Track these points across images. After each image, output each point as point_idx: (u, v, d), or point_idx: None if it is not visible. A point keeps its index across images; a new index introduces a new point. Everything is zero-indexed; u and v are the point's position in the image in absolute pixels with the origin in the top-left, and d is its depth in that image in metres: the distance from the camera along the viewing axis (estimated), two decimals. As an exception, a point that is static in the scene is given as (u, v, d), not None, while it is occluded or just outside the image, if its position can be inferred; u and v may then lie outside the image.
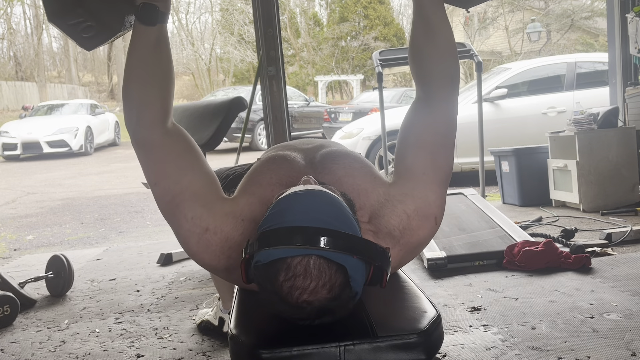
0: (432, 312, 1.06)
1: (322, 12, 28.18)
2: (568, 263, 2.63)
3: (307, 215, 0.95)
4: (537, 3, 21.03)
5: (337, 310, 0.96)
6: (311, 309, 0.93)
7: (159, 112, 1.17)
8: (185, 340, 2.13)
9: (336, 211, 0.98)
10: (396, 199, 1.18)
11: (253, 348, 0.97)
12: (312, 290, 0.92)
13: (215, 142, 2.68)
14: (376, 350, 0.96)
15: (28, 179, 9.14)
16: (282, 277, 0.92)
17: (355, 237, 0.96)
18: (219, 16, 25.73)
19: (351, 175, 1.20)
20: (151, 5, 1.16)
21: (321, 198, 1.00)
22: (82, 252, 3.90)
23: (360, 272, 0.96)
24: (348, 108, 11.10)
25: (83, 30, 1.20)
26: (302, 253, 0.92)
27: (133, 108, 1.17)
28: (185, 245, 1.17)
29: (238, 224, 1.13)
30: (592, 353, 1.75)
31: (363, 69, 23.45)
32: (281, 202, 1.00)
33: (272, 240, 0.93)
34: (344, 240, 0.93)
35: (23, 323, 2.46)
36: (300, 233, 0.93)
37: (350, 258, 0.93)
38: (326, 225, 0.94)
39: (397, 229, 1.15)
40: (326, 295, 0.92)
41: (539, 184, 4.39)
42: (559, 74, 6.18)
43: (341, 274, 0.93)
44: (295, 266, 0.92)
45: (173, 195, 1.14)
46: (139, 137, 1.17)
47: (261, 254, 0.94)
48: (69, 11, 1.17)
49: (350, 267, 0.94)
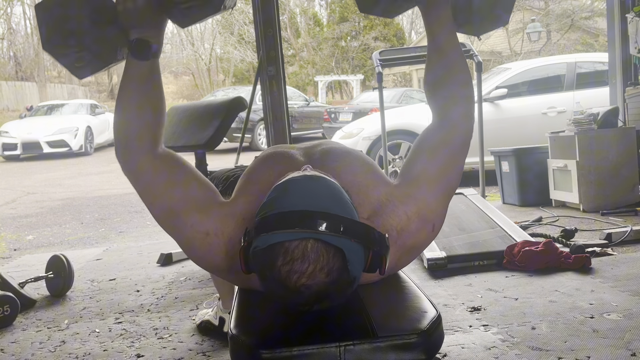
0: (432, 312, 1.06)
1: (322, 12, 28.19)
2: (568, 263, 2.63)
3: (304, 199, 0.96)
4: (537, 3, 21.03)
5: (336, 295, 0.96)
6: (310, 293, 0.93)
7: (147, 142, 1.19)
8: (185, 340, 2.13)
9: (334, 196, 0.99)
10: (398, 199, 1.18)
11: (253, 348, 0.97)
12: (310, 273, 0.92)
13: (215, 142, 2.68)
14: (376, 351, 0.96)
15: (28, 179, 9.14)
16: (280, 261, 0.92)
17: (353, 220, 0.96)
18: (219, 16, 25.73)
19: (352, 172, 1.20)
20: (144, 41, 1.18)
21: (319, 183, 1.00)
22: (82, 252, 3.90)
23: (358, 256, 0.96)
24: (348, 108, 11.11)
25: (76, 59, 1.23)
26: (300, 237, 0.92)
27: (121, 139, 1.19)
28: (190, 252, 1.17)
29: (239, 223, 1.14)
30: (592, 353, 1.75)
31: (363, 69, 23.45)
32: (279, 188, 1.01)
33: (269, 226, 0.94)
34: (341, 224, 0.94)
35: (23, 323, 2.46)
36: (297, 217, 0.93)
37: (348, 242, 0.94)
38: (324, 209, 0.94)
39: (395, 229, 1.14)
40: (324, 279, 0.92)
41: (539, 184, 4.39)
42: (559, 74, 6.18)
43: (339, 258, 0.93)
44: (293, 250, 0.92)
45: (169, 208, 1.15)
46: (128, 167, 1.19)
47: (259, 240, 0.95)
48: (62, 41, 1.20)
49: (348, 251, 0.94)
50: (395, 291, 1.19)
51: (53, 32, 1.21)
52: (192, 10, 1.20)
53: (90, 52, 1.22)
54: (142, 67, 1.20)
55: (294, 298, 0.94)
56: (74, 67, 1.25)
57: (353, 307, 1.08)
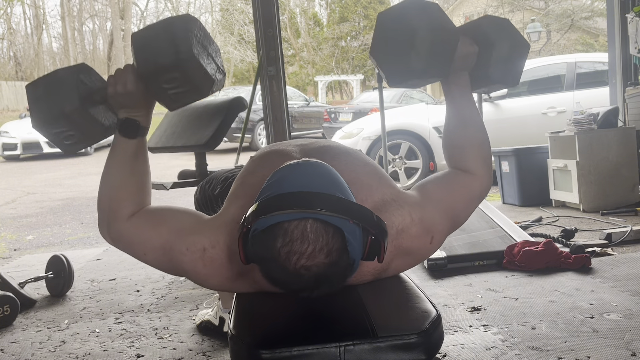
0: (432, 312, 1.06)
1: (322, 12, 28.20)
2: (568, 263, 2.63)
3: (303, 182, 0.96)
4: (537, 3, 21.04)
5: (335, 278, 0.96)
6: (309, 275, 0.93)
7: (126, 212, 1.21)
8: (185, 340, 2.13)
9: (333, 180, 0.99)
10: (405, 201, 1.18)
11: (253, 348, 0.97)
12: (310, 254, 0.92)
13: (215, 142, 2.68)
14: (376, 351, 0.96)
15: (28, 179, 9.14)
16: (280, 242, 0.92)
17: (351, 202, 0.97)
18: (219, 16, 25.75)
19: (353, 170, 1.20)
20: (133, 121, 1.23)
21: (318, 168, 1.01)
22: (82, 252, 3.90)
23: (357, 238, 0.95)
24: (348, 108, 11.10)
25: (65, 138, 1.28)
26: (299, 217, 0.92)
27: (104, 212, 1.22)
28: (198, 278, 1.17)
29: (234, 229, 1.12)
30: (592, 353, 1.75)
31: (363, 69, 23.45)
32: (277, 173, 1.01)
33: (268, 208, 0.94)
34: (340, 204, 0.94)
35: (23, 323, 2.46)
36: (296, 198, 0.93)
37: (347, 222, 0.94)
38: (323, 190, 0.95)
39: (396, 227, 1.14)
40: (324, 260, 0.92)
41: (539, 184, 4.39)
42: (559, 74, 6.18)
43: (338, 238, 0.93)
44: (292, 230, 0.92)
45: (161, 247, 1.16)
46: (110, 238, 1.22)
47: (258, 223, 0.94)
48: (54, 121, 1.24)
49: (347, 232, 0.94)
50: (395, 291, 1.19)
51: (46, 114, 1.25)
52: (180, 96, 1.24)
53: (80, 130, 1.27)
54: (129, 144, 1.24)
55: (294, 281, 0.94)
56: (63, 145, 1.30)
57: (353, 307, 1.08)
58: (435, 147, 5.88)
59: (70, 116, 1.24)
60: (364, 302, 1.09)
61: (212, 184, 1.80)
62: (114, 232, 1.21)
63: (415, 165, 5.98)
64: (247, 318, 1.09)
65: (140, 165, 1.26)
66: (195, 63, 1.17)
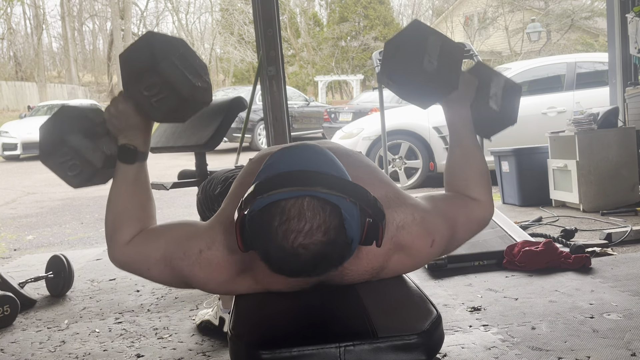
0: (432, 312, 1.06)
1: (322, 12, 28.20)
2: (568, 263, 2.63)
3: (300, 162, 0.97)
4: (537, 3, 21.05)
5: (333, 257, 0.95)
6: (307, 254, 0.92)
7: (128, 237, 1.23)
8: (185, 340, 2.13)
9: (329, 161, 1.00)
10: (407, 201, 1.19)
11: (253, 348, 0.97)
12: (307, 232, 0.91)
13: (215, 142, 2.68)
14: (376, 351, 0.96)
15: (28, 179, 9.15)
16: (277, 221, 0.92)
17: (348, 181, 0.97)
18: (219, 16, 25.76)
19: (354, 170, 1.20)
20: (130, 147, 1.26)
21: (313, 148, 1.02)
22: (82, 252, 3.90)
23: (354, 216, 0.95)
24: (348, 108, 11.09)
25: (69, 168, 1.31)
26: (296, 195, 0.92)
27: (108, 238, 1.26)
28: (195, 280, 1.17)
29: (230, 225, 1.12)
30: (592, 353, 1.75)
31: (363, 69, 23.45)
32: (274, 156, 1.02)
33: (264, 188, 0.94)
34: (336, 182, 0.94)
35: (23, 323, 2.46)
36: (292, 177, 0.93)
37: (344, 200, 0.94)
38: (319, 170, 0.95)
39: (396, 223, 1.13)
40: (321, 238, 0.92)
41: (539, 184, 4.39)
42: (559, 74, 6.18)
43: (336, 216, 0.93)
44: (289, 209, 0.92)
45: (162, 259, 1.17)
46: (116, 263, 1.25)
47: (255, 204, 0.94)
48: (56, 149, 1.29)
49: (344, 209, 0.93)
50: (395, 291, 1.19)
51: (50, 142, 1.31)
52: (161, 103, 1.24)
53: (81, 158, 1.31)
54: (129, 169, 1.27)
55: (292, 261, 0.93)
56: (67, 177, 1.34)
57: (353, 307, 1.08)
58: (435, 147, 5.89)
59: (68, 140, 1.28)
60: (364, 302, 1.09)
61: (213, 183, 1.81)
62: (118, 256, 1.24)
63: (415, 166, 5.98)
64: (246, 318, 1.09)
65: (141, 189, 1.28)
66: (169, 63, 1.20)
